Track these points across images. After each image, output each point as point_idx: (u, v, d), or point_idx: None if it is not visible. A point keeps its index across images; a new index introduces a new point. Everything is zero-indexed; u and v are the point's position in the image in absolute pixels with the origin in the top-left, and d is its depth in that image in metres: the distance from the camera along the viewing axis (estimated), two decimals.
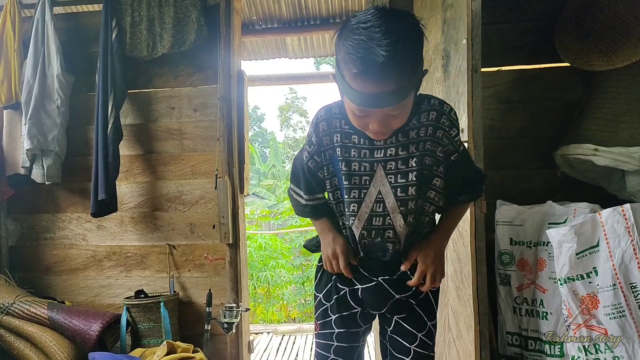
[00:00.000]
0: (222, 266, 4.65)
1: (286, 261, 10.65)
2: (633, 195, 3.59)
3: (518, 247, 3.56)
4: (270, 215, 14.07)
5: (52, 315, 4.32)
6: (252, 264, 10.10)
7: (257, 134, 37.50)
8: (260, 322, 9.12)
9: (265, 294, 10.19)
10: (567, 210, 3.37)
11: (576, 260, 3.05)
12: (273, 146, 27.38)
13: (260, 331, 7.09)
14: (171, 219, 4.78)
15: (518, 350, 3.61)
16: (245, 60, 5.43)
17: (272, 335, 7.02)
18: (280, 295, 10.24)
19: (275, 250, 10.77)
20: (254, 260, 10.19)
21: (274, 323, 9.01)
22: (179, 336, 4.57)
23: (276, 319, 9.63)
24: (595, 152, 3.46)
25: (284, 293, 10.20)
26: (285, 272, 10.43)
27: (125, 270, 4.85)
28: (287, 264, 10.69)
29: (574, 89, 4.01)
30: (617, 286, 2.93)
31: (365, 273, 2.16)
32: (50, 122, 4.61)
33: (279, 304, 10.20)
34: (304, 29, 6.18)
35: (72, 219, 4.92)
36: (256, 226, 13.30)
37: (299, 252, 11.19)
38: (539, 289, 3.44)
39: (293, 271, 11.02)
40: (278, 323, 8.95)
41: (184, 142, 4.76)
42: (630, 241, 2.90)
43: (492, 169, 3.71)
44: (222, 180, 4.50)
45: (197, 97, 4.75)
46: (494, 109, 4.09)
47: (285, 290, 10.45)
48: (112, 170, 4.43)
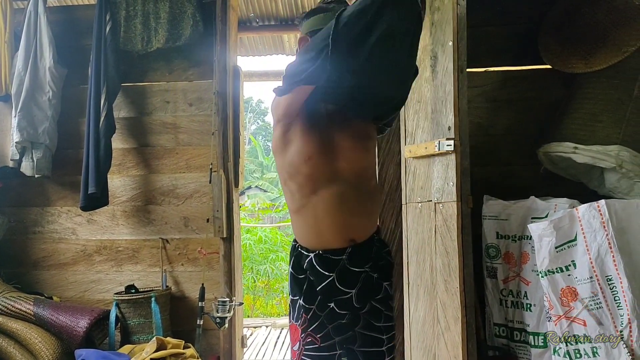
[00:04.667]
0: (215, 260, 5.01)
1: (286, 254, 10.80)
2: (612, 192, 4.10)
3: (504, 240, 4.06)
4: (271, 208, 14.41)
5: (38, 311, 4.57)
6: (252, 257, 10.47)
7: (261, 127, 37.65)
8: (259, 315, 9.45)
9: (265, 287, 10.56)
10: (548, 205, 3.86)
11: (555, 253, 3.53)
12: None
13: (258, 325, 7.48)
14: (164, 213, 5.17)
15: (505, 341, 4.11)
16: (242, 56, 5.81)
17: (271, 328, 7.40)
18: (280, 289, 10.60)
19: (275, 244, 11.15)
20: (254, 253, 10.56)
21: (273, 316, 9.28)
22: (170, 332, 4.92)
23: (276, 312, 9.94)
24: (575, 150, 3.97)
25: (284, 286, 10.54)
26: (285, 265, 10.71)
27: (116, 265, 5.22)
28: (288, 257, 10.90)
29: (556, 89, 4.52)
30: (594, 279, 3.40)
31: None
32: (41, 114, 4.93)
33: (278, 297, 10.55)
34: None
35: (61, 213, 5.28)
36: (257, 219, 13.56)
37: None
38: (524, 281, 3.95)
39: None
40: (278, 316, 9.27)
41: (179, 135, 5.16)
42: (606, 235, 3.35)
43: (479, 165, 4.19)
44: (216, 174, 4.86)
45: (192, 91, 5.16)
46: (481, 107, 4.60)
47: (286, 283, 10.70)
48: (103, 164, 4.75)
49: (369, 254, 2.46)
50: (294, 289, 2.46)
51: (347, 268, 2.39)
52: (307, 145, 2.34)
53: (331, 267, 2.38)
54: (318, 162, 2.33)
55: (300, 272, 2.45)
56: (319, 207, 2.38)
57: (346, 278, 2.38)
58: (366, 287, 2.42)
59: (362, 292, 2.42)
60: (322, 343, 2.35)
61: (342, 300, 2.39)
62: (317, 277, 2.39)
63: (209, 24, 5.04)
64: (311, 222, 2.41)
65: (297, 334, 2.38)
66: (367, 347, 2.47)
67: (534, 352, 3.89)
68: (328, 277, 2.37)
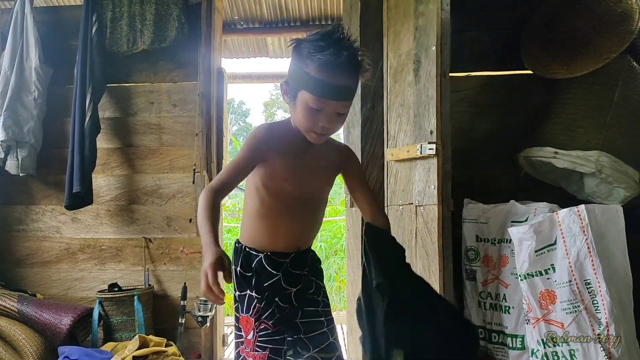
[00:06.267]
0: (198, 260, 5.01)
1: None
2: (590, 196, 4.07)
3: (483, 243, 4.02)
4: None
5: (22, 308, 4.53)
6: None
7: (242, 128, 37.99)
8: None
9: None
10: (528, 210, 3.81)
11: (535, 257, 3.47)
12: None
13: None
14: (148, 213, 5.13)
15: (483, 343, 4.04)
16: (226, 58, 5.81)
17: None
18: None
19: None
20: None
21: None
22: (152, 330, 4.88)
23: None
24: (555, 154, 3.93)
25: None
26: None
27: (100, 263, 5.18)
28: None
29: (538, 95, 4.49)
30: (572, 282, 3.35)
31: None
32: (26, 113, 4.88)
33: None
34: (284, 30, 6.56)
35: (45, 211, 5.23)
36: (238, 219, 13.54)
37: None
38: (502, 284, 3.90)
39: None
40: None
41: (163, 136, 5.12)
42: (585, 240, 3.30)
43: (460, 169, 4.09)
44: (199, 175, 4.88)
45: (176, 92, 5.12)
46: (463, 112, 4.55)
47: None
48: (88, 163, 4.73)
49: (306, 260, 2.65)
50: (242, 284, 2.56)
51: (289, 270, 2.55)
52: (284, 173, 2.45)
53: (278, 268, 2.52)
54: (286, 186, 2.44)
55: (248, 270, 2.54)
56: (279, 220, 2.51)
57: (289, 279, 2.54)
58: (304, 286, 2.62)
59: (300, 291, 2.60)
60: (273, 328, 2.47)
61: (285, 295, 2.55)
62: (265, 275, 2.52)
63: (194, 26, 5.02)
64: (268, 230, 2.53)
65: (251, 324, 2.48)
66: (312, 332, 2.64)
67: (511, 354, 3.85)
68: (275, 276, 2.51)
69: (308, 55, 2.20)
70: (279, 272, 2.52)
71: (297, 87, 2.25)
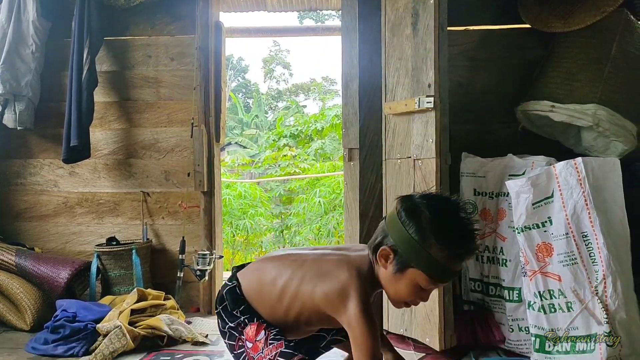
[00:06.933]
0: (196, 214, 5.02)
1: (265, 209, 11.09)
2: (588, 150, 4.08)
3: (481, 197, 4.01)
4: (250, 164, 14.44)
5: (20, 262, 4.55)
6: (232, 212, 10.44)
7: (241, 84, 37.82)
8: None
9: (244, 242, 10.60)
10: (525, 163, 3.79)
11: (532, 210, 3.47)
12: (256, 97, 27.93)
13: None
14: (146, 167, 5.12)
15: (480, 296, 4.07)
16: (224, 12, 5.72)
17: None
18: (259, 243, 10.69)
19: (254, 199, 11.13)
20: (234, 208, 10.54)
21: None
22: (150, 284, 4.91)
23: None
24: (552, 108, 3.93)
25: (263, 241, 10.67)
26: (264, 220, 10.84)
27: (97, 217, 5.18)
28: (267, 212, 11.14)
29: (535, 49, 4.47)
30: (569, 235, 3.34)
31: None
32: (24, 67, 4.84)
33: (257, 251, 10.59)
34: None
35: (43, 165, 5.21)
36: (237, 175, 13.61)
37: (279, 201, 11.69)
38: (500, 237, 3.90)
39: (272, 219, 11.51)
40: None
41: (161, 90, 5.08)
42: (582, 193, 3.29)
43: (458, 123, 4.12)
44: (198, 128, 4.86)
45: (174, 46, 5.07)
46: (461, 66, 4.51)
47: (264, 237, 10.94)
48: (85, 117, 4.71)
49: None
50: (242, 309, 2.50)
51: None
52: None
53: None
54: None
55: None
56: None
57: None
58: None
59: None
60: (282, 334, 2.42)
61: None
62: None
63: None
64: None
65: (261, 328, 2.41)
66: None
67: (508, 306, 3.85)
68: None
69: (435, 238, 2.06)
70: None
71: (410, 262, 2.11)
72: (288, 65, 38.41)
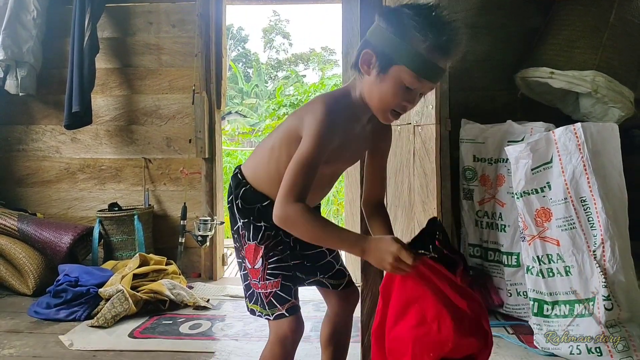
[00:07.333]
0: (197, 180, 5.05)
1: None
2: (586, 116, 4.10)
3: (480, 163, 4.03)
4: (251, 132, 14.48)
5: (22, 227, 4.58)
6: None
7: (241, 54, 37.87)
8: None
9: None
10: (524, 129, 3.81)
11: (531, 175, 3.47)
12: (256, 66, 28.04)
13: None
14: (147, 133, 5.14)
15: (479, 261, 4.11)
16: None
17: None
18: None
19: None
20: None
21: None
22: (152, 249, 4.96)
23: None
24: (551, 75, 3.94)
25: None
26: None
27: (100, 183, 5.21)
28: None
29: (535, 16, 4.48)
30: (568, 200, 3.35)
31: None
32: (25, 33, 4.83)
33: None
34: None
35: (45, 131, 5.24)
36: (237, 143, 13.63)
37: None
38: (499, 203, 3.93)
39: None
40: None
41: (162, 57, 5.09)
42: (581, 158, 3.29)
43: (458, 90, 4.16)
44: (199, 95, 4.87)
45: (175, 13, 5.05)
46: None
47: None
48: (87, 83, 4.73)
49: None
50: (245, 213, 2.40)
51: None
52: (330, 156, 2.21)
53: None
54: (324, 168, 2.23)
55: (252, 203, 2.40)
56: None
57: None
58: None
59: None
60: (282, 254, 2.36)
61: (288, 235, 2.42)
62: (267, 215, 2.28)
63: None
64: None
65: (259, 252, 2.34)
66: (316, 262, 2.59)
67: (507, 271, 3.88)
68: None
69: (416, 29, 1.97)
70: None
71: (393, 61, 2.03)
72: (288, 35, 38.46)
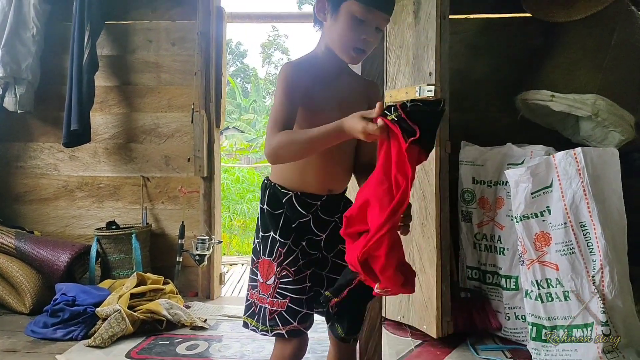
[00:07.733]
0: (195, 199, 5.03)
1: None
2: (585, 140, 4.08)
3: (479, 186, 4.01)
4: (248, 149, 14.46)
5: (20, 245, 4.54)
6: (230, 196, 10.49)
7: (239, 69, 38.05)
8: (235, 253, 9.44)
9: (242, 226, 10.60)
10: (524, 152, 3.80)
11: (531, 199, 3.47)
12: (254, 82, 28.05)
13: (234, 262, 7.42)
14: (146, 151, 5.11)
15: (477, 283, 4.10)
16: None
17: (247, 266, 7.24)
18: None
19: (252, 183, 11.21)
20: (231, 192, 10.60)
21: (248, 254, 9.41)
22: (150, 268, 4.92)
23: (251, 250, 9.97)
24: (552, 98, 3.92)
25: None
26: None
27: (97, 201, 5.18)
28: None
29: (536, 38, 4.47)
30: (567, 224, 3.35)
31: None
32: (24, 50, 4.83)
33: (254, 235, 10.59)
34: None
35: (43, 149, 5.20)
36: (234, 159, 13.64)
37: None
38: (498, 226, 3.91)
39: None
40: None
41: (161, 75, 5.07)
42: (581, 183, 3.29)
43: (458, 111, 4.13)
44: (198, 114, 4.85)
45: (175, 31, 5.05)
46: (461, 54, 4.51)
47: None
48: (86, 101, 4.70)
49: (338, 205, 2.44)
50: (268, 224, 2.42)
51: (320, 214, 2.38)
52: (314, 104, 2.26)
53: (308, 209, 2.36)
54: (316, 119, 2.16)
55: (278, 207, 2.40)
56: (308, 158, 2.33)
57: (319, 223, 2.38)
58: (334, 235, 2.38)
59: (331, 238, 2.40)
60: (295, 276, 2.32)
61: (314, 242, 2.39)
62: (294, 214, 2.37)
63: None
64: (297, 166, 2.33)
65: (272, 268, 2.34)
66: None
67: (505, 294, 3.87)
68: (305, 217, 2.36)
69: None
70: (309, 213, 2.37)
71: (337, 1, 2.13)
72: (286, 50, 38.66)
